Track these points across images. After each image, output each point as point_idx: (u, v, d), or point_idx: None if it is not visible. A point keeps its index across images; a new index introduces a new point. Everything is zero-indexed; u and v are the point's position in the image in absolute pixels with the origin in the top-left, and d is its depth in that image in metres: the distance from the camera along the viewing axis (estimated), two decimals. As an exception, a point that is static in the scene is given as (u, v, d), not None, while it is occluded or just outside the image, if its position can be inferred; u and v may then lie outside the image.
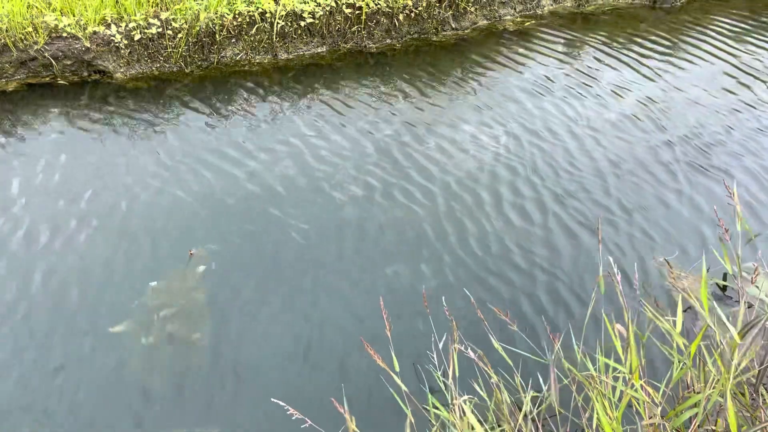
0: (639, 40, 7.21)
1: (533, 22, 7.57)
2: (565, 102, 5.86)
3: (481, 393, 2.75)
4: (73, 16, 5.90)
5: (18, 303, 3.66)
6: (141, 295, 3.72)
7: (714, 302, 3.69)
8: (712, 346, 2.54)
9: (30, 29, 5.75)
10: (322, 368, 3.34)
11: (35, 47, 5.75)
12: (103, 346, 3.44)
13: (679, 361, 2.58)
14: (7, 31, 5.64)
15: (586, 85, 6.19)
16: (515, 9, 7.70)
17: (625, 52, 6.92)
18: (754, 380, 2.77)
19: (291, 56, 6.51)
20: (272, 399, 2.46)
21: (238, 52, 6.37)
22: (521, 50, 6.89)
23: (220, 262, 3.97)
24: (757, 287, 3.43)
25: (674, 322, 2.67)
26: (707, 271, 3.90)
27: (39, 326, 3.53)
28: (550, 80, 6.26)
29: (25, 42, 5.74)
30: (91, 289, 3.76)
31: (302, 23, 6.45)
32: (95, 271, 3.89)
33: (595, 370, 2.60)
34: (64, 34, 5.83)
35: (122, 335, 3.51)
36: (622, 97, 6.00)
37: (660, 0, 8.17)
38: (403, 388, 2.52)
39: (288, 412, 2.27)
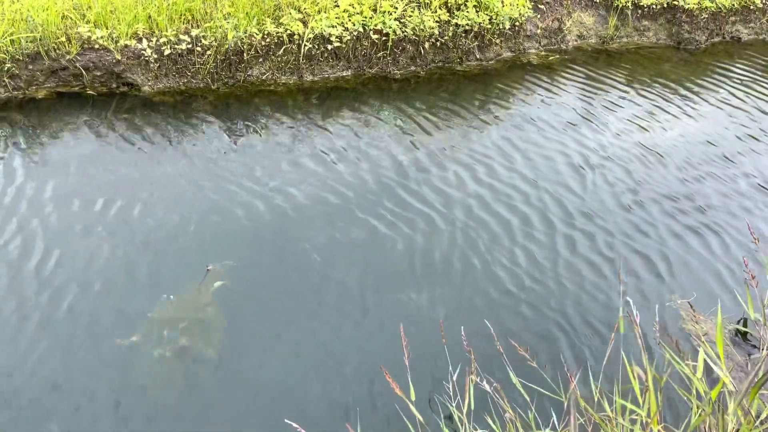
0: (661, 80, 7.23)
1: (558, 56, 7.63)
2: (584, 137, 5.87)
3: (494, 427, 2.72)
4: (107, 28, 6.02)
5: (36, 308, 3.68)
6: (156, 308, 3.74)
7: (734, 348, 3.66)
8: (732, 393, 2.50)
9: (63, 39, 5.86)
10: (336, 392, 3.32)
11: (67, 57, 5.87)
12: (114, 357, 3.45)
13: (698, 407, 2.54)
14: (40, 40, 5.77)
15: (606, 121, 6.20)
16: (540, 43, 7.76)
17: (647, 90, 6.93)
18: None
19: (316, 78, 6.59)
20: (286, 420, 2.44)
21: (264, 71, 6.45)
22: (544, 84, 6.93)
23: (237, 279, 3.98)
24: (778, 335, 3.39)
25: (695, 367, 2.64)
26: (728, 316, 3.87)
27: (53, 333, 3.54)
28: (571, 114, 6.28)
29: (57, 51, 5.85)
30: (109, 300, 3.78)
31: (329, 47, 6.53)
32: (113, 282, 3.91)
33: (611, 411, 2.57)
34: (96, 46, 5.95)
35: (134, 346, 3.52)
36: (641, 134, 6.00)
37: (684, 41, 8.20)
38: (419, 417, 2.50)
39: (302, 436, 2.26)
